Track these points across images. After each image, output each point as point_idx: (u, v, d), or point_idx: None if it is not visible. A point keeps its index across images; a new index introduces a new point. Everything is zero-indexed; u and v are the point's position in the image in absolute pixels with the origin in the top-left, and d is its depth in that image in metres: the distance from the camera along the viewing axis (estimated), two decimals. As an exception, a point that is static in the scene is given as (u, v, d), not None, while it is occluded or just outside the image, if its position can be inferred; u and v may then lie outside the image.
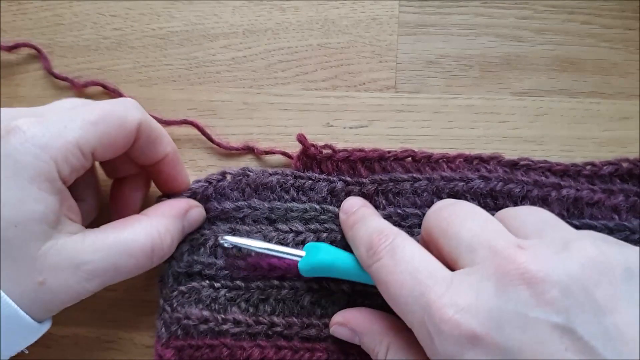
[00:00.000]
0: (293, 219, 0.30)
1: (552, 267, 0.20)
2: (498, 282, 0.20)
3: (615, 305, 0.19)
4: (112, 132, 0.25)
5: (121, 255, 0.25)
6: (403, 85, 0.34)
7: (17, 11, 0.35)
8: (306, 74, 0.34)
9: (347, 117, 0.33)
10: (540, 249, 0.21)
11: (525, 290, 0.19)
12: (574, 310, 0.19)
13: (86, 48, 0.34)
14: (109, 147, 0.26)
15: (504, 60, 0.34)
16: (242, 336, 0.29)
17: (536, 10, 0.34)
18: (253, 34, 0.34)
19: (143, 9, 0.35)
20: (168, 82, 0.34)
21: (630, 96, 0.33)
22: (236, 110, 0.34)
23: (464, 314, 0.20)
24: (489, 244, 0.22)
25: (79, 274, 0.24)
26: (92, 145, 0.25)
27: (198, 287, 0.30)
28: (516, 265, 0.20)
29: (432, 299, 0.21)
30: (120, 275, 0.26)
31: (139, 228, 0.26)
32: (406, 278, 0.22)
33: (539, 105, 0.33)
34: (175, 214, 0.28)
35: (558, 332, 0.19)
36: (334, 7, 0.34)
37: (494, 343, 0.19)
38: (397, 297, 0.22)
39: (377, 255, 0.24)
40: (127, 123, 0.26)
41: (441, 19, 0.34)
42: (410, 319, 0.22)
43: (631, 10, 0.34)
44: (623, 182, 0.31)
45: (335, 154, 0.31)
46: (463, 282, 0.21)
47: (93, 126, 0.25)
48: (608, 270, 0.20)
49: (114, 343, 0.32)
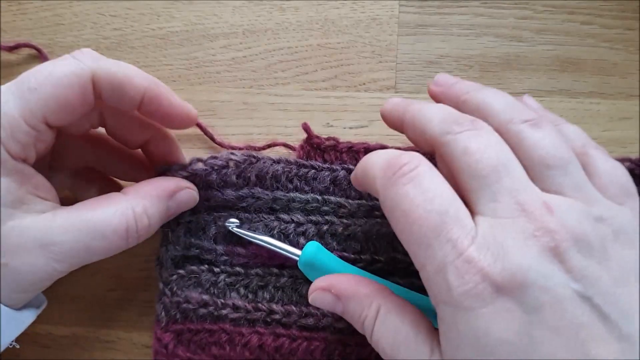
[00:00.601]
0: (295, 209, 0.30)
1: (575, 236, 0.20)
2: (523, 242, 0.20)
3: (627, 279, 0.20)
4: (59, 94, 0.23)
5: (93, 236, 0.24)
6: (403, 85, 0.34)
7: (17, 11, 0.35)
8: (306, 74, 0.34)
9: (347, 117, 0.33)
10: (566, 214, 0.21)
11: (550, 257, 0.20)
12: (592, 281, 0.19)
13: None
14: (62, 110, 0.24)
15: (504, 60, 0.34)
16: (241, 322, 0.29)
17: (536, 10, 0.34)
18: (253, 34, 0.34)
19: (143, 9, 0.35)
20: (168, 82, 0.34)
21: (630, 96, 0.33)
22: (236, 110, 0.34)
23: (493, 264, 0.19)
24: (514, 196, 0.21)
25: (48, 254, 0.23)
26: (39, 113, 0.23)
27: (197, 270, 0.30)
28: (542, 230, 0.20)
29: (461, 247, 0.20)
30: (93, 257, 0.25)
31: (114, 207, 0.25)
32: (433, 217, 0.20)
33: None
34: (158, 194, 0.27)
35: (578, 298, 0.19)
36: (334, 7, 0.34)
37: (517, 298, 0.19)
38: (418, 235, 0.21)
39: (399, 178, 0.22)
40: (74, 78, 0.23)
41: (441, 19, 0.34)
42: (426, 261, 0.21)
43: (631, 10, 0.34)
44: None
45: (338, 144, 0.31)
46: (489, 236, 0.20)
47: (33, 92, 0.23)
48: (629, 243, 0.21)
49: (114, 343, 0.32)
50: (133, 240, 0.25)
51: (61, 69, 0.24)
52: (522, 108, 0.24)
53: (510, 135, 0.23)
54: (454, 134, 0.22)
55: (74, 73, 0.24)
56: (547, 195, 0.21)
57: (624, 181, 0.23)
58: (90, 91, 0.24)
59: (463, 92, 0.25)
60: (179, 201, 0.28)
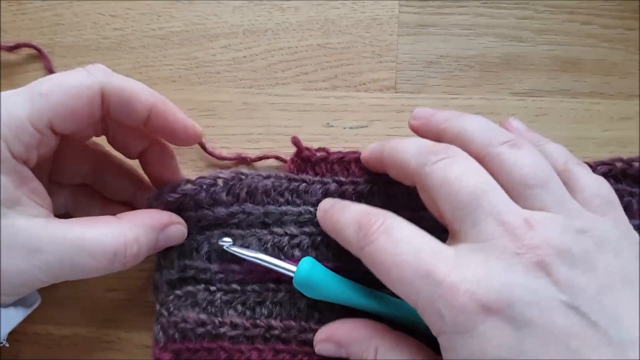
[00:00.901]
0: (288, 222, 0.30)
1: (558, 249, 0.21)
2: (506, 261, 0.21)
3: (612, 287, 0.21)
4: (68, 102, 0.24)
5: (80, 253, 0.24)
6: (403, 85, 0.34)
7: (17, 11, 0.35)
8: (306, 74, 0.34)
9: (347, 117, 0.33)
10: (548, 229, 0.21)
11: (534, 271, 0.20)
12: (578, 290, 0.20)
13: (86, 48, 0.34)
14: (68, 117, 0.24)
15: (504, 60, 0.34)
16: (240, 339, 0.29)
17: (536, 10, 0.34)
18: (253, 34, 0.34)
19: (143, 9, 0.35)
20: (168, 82, 0.34)
21: (630, 96, 0.33)
22: (236, 110, 0.34)
23: (476, 287, 0.20)
24: (495, 217, 0.21)
25: (33, 262, 0.23)
26: (46, 118, 0.24)
27: (194, 290, 0.29)
28: (525, 247, 0.21)
29: (440, 276, 0.21)
30: (77, 274, 0.25)
31: (107, 230, 0.25)
32: (408, 259, 0.22)
33: (539, 105, 0.33)
34: (151, 224, 0.27)
35: (565, 308, 0.20)
36: (334, 7, 0.34)
37: (506, 315, 0.20)
38: (401, 279, 0.22)
39: (370, 237, 0.23)
40: (84, 90, 0.24)
41: (441, 19, 0.34)
42: (415, 299, 0.22)
43: (631, 10, 0.34)
44: (617, 182, 0.30)
45: (329, 156, 0.31)
46: (470, 259, 0.21)
47: (43, 98, 0.23)
48: (613, 251, 0.22)
49: (114, 343, 0.32)
50: (119, 265, 0.25)
51: (73, 79, 0.25)
52: (500, 131, 0.25)
53: (491, 157, 0.24)
54: (430, 164, 0.24)
55: (85, 85, 0.25)
56: (528, 212, 0.22)
57: (605, 193, 0.24)
58: (98, 104, 0.25)
59: (442, 122, 0.26)
60: (168, 235, 0.28)
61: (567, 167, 0.25)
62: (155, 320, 0.30)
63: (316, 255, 0.29)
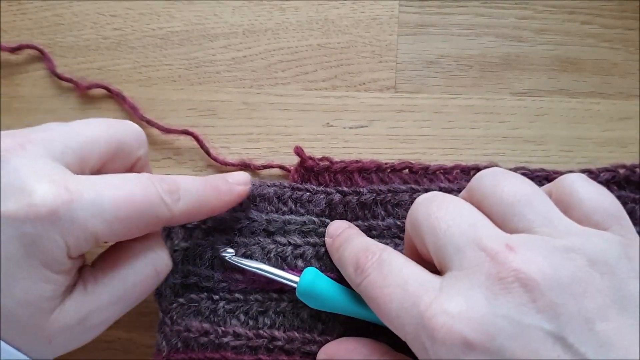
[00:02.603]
0: (291, 231, 0.30)
1: (542, 272, 0.19)
2: (488, 288, 0.20)
3: (605, 313, 0.19)
4: (132, 227, 0.24)
5: (131, 303, 0.25)
6: (403, 85, 0.34)
7: (17, 11, 0.35)
8: (306, 74, 0.34)
9: (347, 117, 0.33)
10: (530, 251, 0.20)
11: (517, 297, 0.19)
12: (565, 318, 0.19)
13: (86, 48, 0.34)
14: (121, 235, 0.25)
15: (504, 60, 0.34)
16: (243, 349, 0.29)
17: (536, 10, 0.34)
18: (253, 34, 0.34)
19: (143, 9, 0.35)
20: (168, 82, 0.34)
21: (630, 96, 0.33)
22: (236, 110, 0.34)
23: (456, 320, 0.19)
24: (477, 244, 0.21)
25: (86, 327, 0.24)
26: (109, 237, 0.24)
27: (197, 298, 0.29)
28: (506, 271, 0.20)
29: (422, 308, 0.20)
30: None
31: (141, 263, 0.26)
32: (396, 291, 0.22)
33: (539, 105, 0.33)
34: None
35: (550, 340, 0.18)
36: (334, 7, 0.34)
37: (487, 349, 0.19)
38: (389, 311, 0.22)
39: (364, 273, 0.24)
40: (153, 219, 0.25)
41: (441, 19, 0.34)
42: (403, 331, 0.21)
43: (631, 10, 0.34)
44: (620, 189, 0.30)
45: (332, 165, 0.31)
46: (452, 288, 0.20)
47: (119, 223, 0.23)
48: (608, 271, 0.20)
49: (114, 343, 0.32)
50: (163, 276, 0.27)
51: (149, 208, 0.24)
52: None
53: (473, 190, 0.24)
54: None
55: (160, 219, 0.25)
56: (510, 236, 0.21)
57: (607, 205, 0.23)
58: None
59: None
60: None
61: (561, 183, 0.24)
62: (157, 329, 0.30)
63: (320, 266, 0.29)
